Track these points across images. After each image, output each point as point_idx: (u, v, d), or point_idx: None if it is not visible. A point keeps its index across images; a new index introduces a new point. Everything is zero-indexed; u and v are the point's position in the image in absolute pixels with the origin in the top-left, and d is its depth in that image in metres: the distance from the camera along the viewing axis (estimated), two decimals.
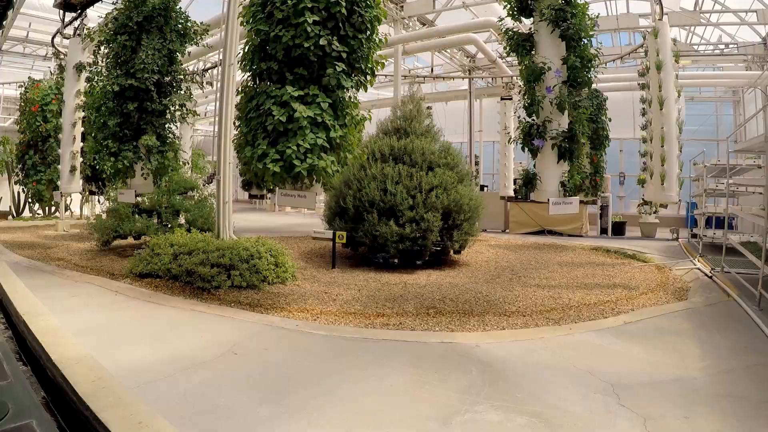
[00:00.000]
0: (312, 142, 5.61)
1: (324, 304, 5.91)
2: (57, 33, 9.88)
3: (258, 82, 6.11)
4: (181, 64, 7.93)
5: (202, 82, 8.17)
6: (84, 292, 6.22)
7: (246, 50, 6.13)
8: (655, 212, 12.23)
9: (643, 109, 9.85)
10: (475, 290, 6.63)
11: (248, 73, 6.22)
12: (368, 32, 6.15)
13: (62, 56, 9.43)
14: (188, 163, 8.09)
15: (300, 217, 18.20)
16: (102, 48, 7.67)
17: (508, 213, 12.82)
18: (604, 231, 12.64)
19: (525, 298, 6.27)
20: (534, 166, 7.46)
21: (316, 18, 5.62)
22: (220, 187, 7.25)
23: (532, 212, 12.28)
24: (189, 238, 7.07)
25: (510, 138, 7.39)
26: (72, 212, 13.55)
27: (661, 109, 8.86)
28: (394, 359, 4.09)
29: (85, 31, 7.81)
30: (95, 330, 4.63)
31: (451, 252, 8.97)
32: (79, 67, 9.14)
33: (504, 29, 7.38)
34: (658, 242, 12.10)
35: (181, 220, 9.34)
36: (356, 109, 6.27)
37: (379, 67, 6.55)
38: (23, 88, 10.82)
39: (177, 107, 7.79)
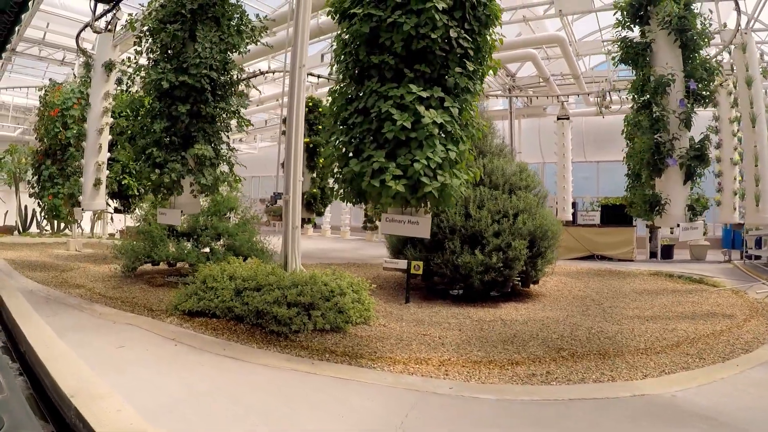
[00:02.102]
0: (443, 155, 4.18)
1: (435, 351, 4.57)
2: (84, 28, 8.22)
3: (359, 80, 4.64)
4: (236, 65, 6.38)
5: (242, 90, 6.58)
6: (131, 340, 4.55)
7: (344, 41, 4.69)
8: (704, 234, 11.13)
9: (716, 127, 8.73)
10: (584, 326, 5.57)
11: (342, 71, 4.77)
12: (490, 28, 4.80)
13: (88, 55, 7.78)
14: (241, 180, 6.48)
15: (330, 242, 16.44)
16: (144, 40, 6.07)
17: None
18: (653, 255, 11.46)
19: (642, 332, 5.36)
20: (647, 188, 6.18)
21: (444, 5, 4.24)
22: (288, 209, 5.70)
23: (580, 237, 11.04)
24: (254, 270, 5.48)
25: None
26: (82, 230, 11.69)
27: (753, 127, 7.77)
28: (612, 427, 3.16)
29: (126, 19, 6.17)
30: (180, 411, 3.02)
31: (529, 282, 7.57)
32: (109, 66, 7.49)
33: (621, 38, 6.14)
34: (712, 265, 11.03)
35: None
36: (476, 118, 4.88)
37: (491, 72, 5.18)
38: (43, 91, 9.02)
39: (231, 113, 6.21)
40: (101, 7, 7.38)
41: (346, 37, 4.69)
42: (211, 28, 5.97)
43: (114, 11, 7.36)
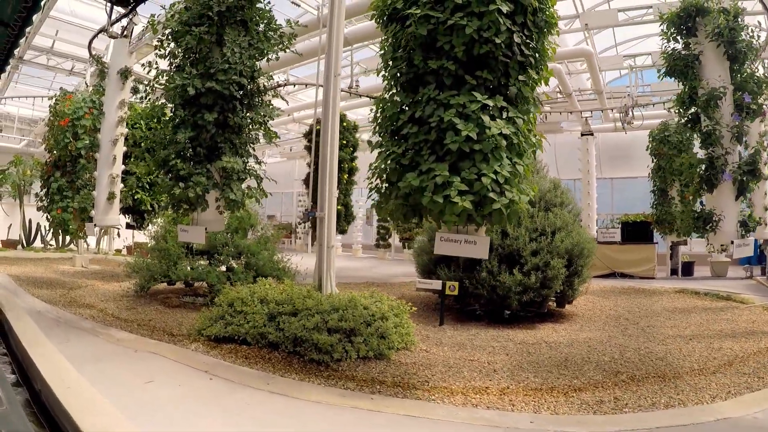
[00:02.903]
0: (510, 169, 3.76)
1: (489, 378, 4.21)
2: (99, 33, 7.72)
3: (412, 88, 4.20)
4: (263, 72, 5.91)
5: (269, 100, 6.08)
6: (159, 372, 4.00)
7: (393, 46, 4.27)
8: (724, 250, 10.77)
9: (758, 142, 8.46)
10: (631, 347, 5.32)
11: (391, 78, 4.34)
12: (547, 36, 4.43)
13: (102, 62, 7.28)
14: (268, 195, 5.96)
15: (342, 260, 15.44)
16: (165, 44, 5.59)
17: None
18: (674, 272, 11.08)
19: (689, 351, 5.15)
20: (697, 203, 5.81)
21: (507, 8, 3.85)
22: (323, 227, 5.21)
23: (601, 254, 10.61)
24: (287, 293, 4.97)
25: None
26: (88, 245, 11.06)
27: None
28: None
29: (148, 20, 5.68)
30: None
31: (565, 302, 7.14)
32: (125, 73, 6.99)
33: (667, 50, 5.82)
34: (734, 281, 10.68)
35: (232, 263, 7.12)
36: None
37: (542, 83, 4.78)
38: (53, 100, 8.45)
39: (258, 124, 5.72)
40: (117, 12, 6.92)
41: (393, 41, 4.27)
42: (240, 32, 5.53)
43: (130, 16, 6.89)
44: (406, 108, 4.15)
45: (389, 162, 4.07)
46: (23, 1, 4.58)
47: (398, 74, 4.22)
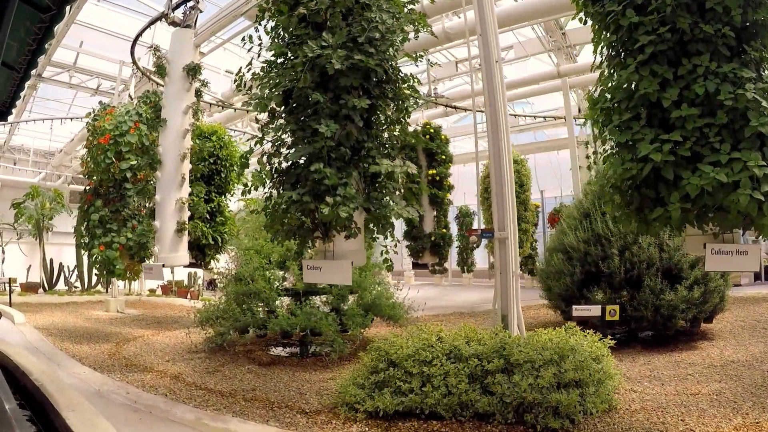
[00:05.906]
0: None
1: (743, 412, 3.53)
2: (152, 24, 6.14)
3: (663, 60, 3.06)
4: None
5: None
6: None
7: (634, 10, 3.13)
8: None
9: None
10: None
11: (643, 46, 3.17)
12: None
13: (161, 54, 5.70)
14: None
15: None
16: (268, 17, 4.07)
17: None
18: (756, 277, 10.36)
19: None
20: None
21: None
22: (506, 249, 3.92)
23: None
24: (488, 341, 3.61)
25: None
26: (117, 286, 9.14)
27: None
28: None
29: None
30: None
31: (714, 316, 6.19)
32: (193, 70, 5.48)
33: None
34: None
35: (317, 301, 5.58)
36: None
37: None
38: (91, 116, 6.66)
39: (393, 123, 4.28)
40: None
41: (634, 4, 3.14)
42: None
43: (193, 1, 5.44)
44: (668, 84, 2.99)
45: (662, 155, 2.85)
46: (28, 44, 3.89)
47: (651, 43, 3.05)
